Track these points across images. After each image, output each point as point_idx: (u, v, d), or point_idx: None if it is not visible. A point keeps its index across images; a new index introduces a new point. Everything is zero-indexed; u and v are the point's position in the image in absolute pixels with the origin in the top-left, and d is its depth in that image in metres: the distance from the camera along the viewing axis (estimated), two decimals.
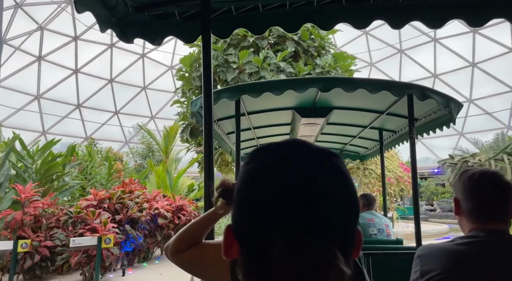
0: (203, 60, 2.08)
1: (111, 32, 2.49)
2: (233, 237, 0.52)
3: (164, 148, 11.95)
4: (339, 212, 0.49)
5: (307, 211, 0.47)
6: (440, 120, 4.23)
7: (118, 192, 6.30)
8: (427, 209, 27.37)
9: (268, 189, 0.48)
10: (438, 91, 3.57)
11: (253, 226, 0.48)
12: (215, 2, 2.25)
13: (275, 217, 0.47)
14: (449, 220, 21.80)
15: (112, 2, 2.10)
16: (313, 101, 4.23)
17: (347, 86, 3.35)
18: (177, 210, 7.65)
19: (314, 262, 0.46)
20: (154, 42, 2.42)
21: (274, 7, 2.34)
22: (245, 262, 0.50)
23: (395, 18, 2.29)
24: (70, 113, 29.51)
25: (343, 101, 4.28)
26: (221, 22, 2.38)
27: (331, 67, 12.71)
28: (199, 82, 13.04)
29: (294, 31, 2.50)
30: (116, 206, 6.02)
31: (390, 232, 4.23)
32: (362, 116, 4.80)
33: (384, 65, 30.96)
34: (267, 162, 0.51)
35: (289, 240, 0.46)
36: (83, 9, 1.87)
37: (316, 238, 0.47)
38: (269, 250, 0.47)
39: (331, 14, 2.33)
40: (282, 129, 5.41)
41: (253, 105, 4.30)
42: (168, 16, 2.35)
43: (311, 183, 0.48)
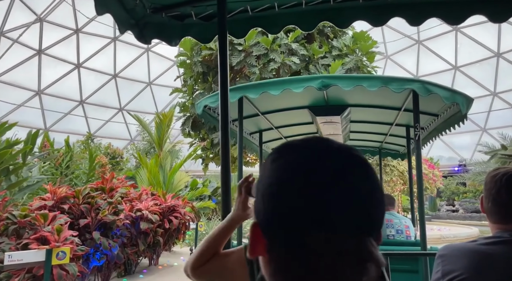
0: (220, 60, 2.09)
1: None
2: (260, 234, 0.52)
3: (156, 139, 10.56)
4: (373, 204, 0.51)
5: (347, 204, 0.48)
6: (456, 116, 4.08)
7: (87, 189, 4.96)
8: (448, 209, 25.75)
9: (306, 183, 0.49)
10: (442, 85, 3.43)
11: (291, 221, 0.49)
12: (231, 3, 2.25)
13: (317, 211, 0.48)
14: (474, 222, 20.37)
15: (131, 4, 2.14)
16: (324, 100, 4.18)
17: (344, 83, 3.31)
18: (168, 211, 6.30)
19: (355, 253, 0.48)
20: (171, 43, 2.45)
21: (290, 6, 2.33)
22: (277, 259, 0.51)
23: (414, 15, 2.24)
24: (73, 110, 28.59)
25: (357, 99, 4.22)
26: (237, 22, 2.40)
27: (350, 49, 11.25)
28: (200, 68, 11.69)
29: (310, 30, 2.47)
30: (82, 207, 4.67)
31: (411, 233, 4.21)
32: (386, 114, 4.68)
33: (401, 58, 29.33)
34: (300, 157, 0.52)
35: (331, 232, 0.48)
36: (103, 11, 1.92)
37: (355, 229, 0.49)
38: (310, 243, 0.48)
39: (348, 12, 2.31)
40: (309, 128, 5.38)
41: (267, 105, 4.37)
42: (185, 17, 2.38)
43: (348, 177, 0.50)
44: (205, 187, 12.59)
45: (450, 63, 27.66)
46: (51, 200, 4.46)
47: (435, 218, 23.35)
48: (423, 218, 3.54)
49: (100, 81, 28.87)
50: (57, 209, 4.40)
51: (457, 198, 27.32)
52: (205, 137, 13.58)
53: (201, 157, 14.45)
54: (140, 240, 5.40)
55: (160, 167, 9.35)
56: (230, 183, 2.06)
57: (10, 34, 22.50)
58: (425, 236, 3.42)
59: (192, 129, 13.08)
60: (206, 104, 3.91)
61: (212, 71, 11.86)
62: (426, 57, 28.42)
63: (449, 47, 27.05)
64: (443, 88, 3.36)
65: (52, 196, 4.53)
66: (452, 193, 27.43)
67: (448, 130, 4.61)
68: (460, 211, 24.74)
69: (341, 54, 11.16)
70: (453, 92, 3.39)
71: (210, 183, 15.58)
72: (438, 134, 5.09)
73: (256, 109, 4.40)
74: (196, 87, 12.23)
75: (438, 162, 21.68)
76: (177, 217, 6.25)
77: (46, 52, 25.17)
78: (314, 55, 10.93)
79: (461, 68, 27.41)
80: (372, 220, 0.50)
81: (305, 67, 10.90)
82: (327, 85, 3.32)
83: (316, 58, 11.05)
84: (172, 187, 9.22)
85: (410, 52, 28.68)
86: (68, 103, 28.20)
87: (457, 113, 3.98)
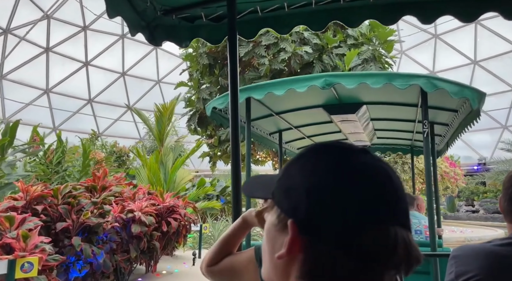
0: (230, 61, 2.10)
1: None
2: (298, 233, 0.51)
3: (157, 133, 9.87)
4: (403, 194, 0.54)
5: (398, 200, 0.52)
6: (473, 113, 3.90)
7: (68, 186, 4.29)
8: (468, 210, 24.68)
9: (355, 183, 0.51)
10: (449, 79, 3.39)
11: (343, 218, 0.49)
12: (241, 3, 2.24)
13: (371, 209, 0.50)
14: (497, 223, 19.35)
15: (142, 7, 2.15)
16: (335, 98, 4.21)
17: (348, 81, 3.33)
18: (166, 212, 5.63)
19: (404, 242, 0.50)
20: (181, 45, 2.49)
21: (300, 6, 2.31)
22: (318, 257, 0.50)
23: (425, 13, 2.17)
24: (82, 108, 28.31)
25: (372, 96, 4.19)
26: (247, 23, 2.41)
27: (366, 37, 10.46)
28: (206, 59, 11.04)
29: (320, 30, 2.45)
30: (60, 208, 4.02)
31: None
32: (407, 111, 4.62)
33: (416, 53, 28.28)
34: (352, 157, 0.54)
35: (382, 227, 0.49)
36: (114, 14, 1.95)
37: (401, 222, 0.51)
38: (362, 239, 0.48)
39: (358, 11, 2.27)
40: (330, 127, 5.36)
41: (281, 105, 4.43)
42: (195, 19, 2.39)
43: (391, 176, 0.54)
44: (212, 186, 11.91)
45: (469, 57, 26.52)
46: (23, 200, 3.82)
47: (454, 219, 22.33)
48: (433, 218, 3.47)
49: (108, 80, 28.54)
50: (30, 211, 3.77)
51: (477, 198, 26.28)
52: (212, 134, 12.92)
53: (208, 155, 13.80)
54: (132, 245, 4.74)
55: (161, 164, 8.69)
56: (241, 183, 2.03)
57: (17, 31, 22.23)
58: (435, 236, 3.42)
59: (199, 126, 12.44)
60: (214, 106, 3.98)
61: (219, 63, 11.20)
62: (444, 51, 27.34)
63: (468, 41, 25.92)
64: (450, 82, 3.29)
65: (24, 195, 3.88)
66: (471, 193, 26.41)
67: (466, 128, 4.45)
68: (481, 212, 23.69)
69: (356, 43, 10.39)
70: (462, 87, 3.28)
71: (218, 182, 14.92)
72: (461, 132, 4.90)
73: (269, 109, 4.47)
74: (203, 81, 11.59)
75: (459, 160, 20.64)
76: (176, 218, 5.57)
77: (54, 50, 24.88)
78: (328, 44, 10.18)
79: (480, 62, 26.26)
80: (406, 211, 0.54)
81: (318, 57, 10.16)
82: (330, 83, 3.33)
83: (330, 47, 10.31)
84: (174, 185, 8.55)
85: (427, 47, 27.63)
86: (77, 102, 27.95)
87: (472, 110, 3.84)
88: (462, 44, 26.28)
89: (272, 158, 14.05)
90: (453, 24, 24.55)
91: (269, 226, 0.58)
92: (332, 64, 10.13)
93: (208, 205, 9.47)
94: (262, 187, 0.63)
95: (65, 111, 27.44)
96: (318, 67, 10.03)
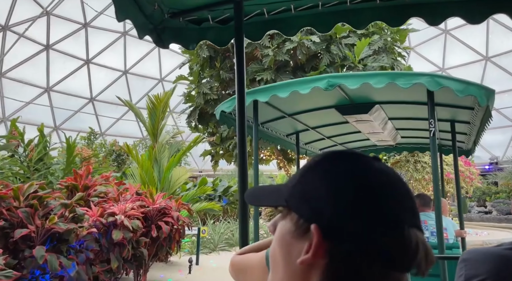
0: (237, 63, 2.14)
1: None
2: (322, 238, 0.51)
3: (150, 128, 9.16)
4: (413, 197, 0.57)
5: (410, 202, 0.54)
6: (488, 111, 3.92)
7: (32, 186, 3.63)
8: (480, 211, 23.85)
9: (376, 188, 0.53)
10: (454, 77, 3.44)
11: (367, 222, 0.50)
12: (248, 6, 2.26)
13: (393, 212, 0.52)
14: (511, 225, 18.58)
15: (149, 10, 2.18)
16: (346, 98, 4.23)
17: (350, 81, 3.36)
18: (157, 215, 4.97)
19: (423, 244, 0.52)
20: (188, 47, 2.53)
21: (306, 8, 2.32)
22: (344, 262, 0.51)
23: (432, 14, 2.18)
24: (83, 107, 27.87)
25: (385, 96, 4.17)
26: (253, 25, 2.42)
27: (377, 27, 9.77)
28: (207, 51, 10.39)
29: (326, 32, 2.45)
30: (20, 212, 3.37)
31: (448, 235, 4.20)
32: (424, 109, 4.44)
33: (425, 49, 27.48)
34: (379, 164, 0.57)
35: (404, 230, 0.51)
36: (123, 17, 1.97)
37: (417, 224, 0.54)
38: (386, 242, 0.50)
39: (365, 13, 2.27)
40: (348, 128, 5.38)
41: (292, 107, 4.53)
42: (202, 21, 2.41)
43: (403, 181, 0.57)
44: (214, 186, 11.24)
45: (480, 53, 25.69)
46: None
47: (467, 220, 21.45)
48: (440, 219, 3.44)
49: (110, 78, 28.06)
50: None
51: (489, 199, 25.47)
52: (214, 131, 12.28)
53: (210, 153, 13.17)
54: (114, 254, 4.10)
55: (155, 162, 8.03)
56: (247, 184, 2.04)
57: (16, 28, 21.77)
58: (443, 238, 3.42)
59: (199, 123, 11.82)
60: (222, 110, 4.05)
61: (220, 55, 10.55)
62: (454, 48, 26.53)
63: (479, 36, 25.08)
64: (455, 80, 3.30)
65: None
66: (483, 193, 25.61)
67: (486, 126, 4.45)
68: (494, 213, 22.87)
69: (367, 33, 9.69)
70: (467, 84, 3.26)
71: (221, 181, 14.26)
72: (483, 130, 4.86)
73: (280, 112, 4.54)
74: (203, 75, 10.95)
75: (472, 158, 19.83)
76: (168, 222, 4.91)
77: (54, 47, 24.41)
78: (337, 34, 9.49)
79: (492, 58, 25.42)
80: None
81: (326, 48, 9.48)
82: (333, 84, 3.36)
83: (338, 37, 9.61)
84: (170, 185, 7.89)
85: (436, 43, 26.83)
86: (78, 101, 27.50)
87: (482, 108, 3.81)
88: (473, 39, 25.46)
89: (276, 156, 13.40)
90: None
91: (283, 232, 0.58)
92: (341, 55, 9.44)
93: (207, 206, 8.80)
94: (269, 195, 0.63)
95: (66, 110, 27.00)
96: (326, 59, 9.36)
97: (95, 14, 24.06)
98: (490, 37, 25.01)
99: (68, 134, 8.53)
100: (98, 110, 28.52)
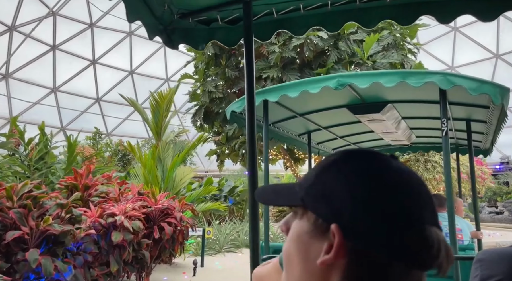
0: (246, 63, 2.16)
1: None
2: (343, 238, 0.51)
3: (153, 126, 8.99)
4: (431, 196, 0.58)
5: (429, 200, 0.55)
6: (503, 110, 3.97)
7: (26, 186, 3.45)
8: (491, 212, 23.40)
9: (396, 186, 0.53)
10: (467, 75, 3.36)
11: (388, 221, 0.50)
12: (256, 6, 2.28)
13: (414, 211, 0.51)
14: None
15: (159, 11, 2.21)
16: (357, 98, 4.21)
17: (360, 81, 3.34)
18: (159, 216, 4.79)
19: (444, 243, 0.52)
20: (197, 47, 2.54)
21: (315, 7, 2.31)
22: (365, 262, 0.50)
23: (443, 12, 2.15)
24: (90, 107, 27.88)
25: (397, 95, 4.12)
26: (262, 25, 2.42)
27: (387, 22, 9.50)
28: (212, 49, 10.21)
29: (335, 31, 2.43)
30: (13, 213, 3.19)
31: (463, 237, 4.21)
32: (437, 108, 4.37)
33: (434, 47, 27.05)
34: (398, 165, 0.56)
35: (426, 228, 0.51)
36: (134, 19, 2.01)
37: (437, 223, 0.54)
38: (407, 241, 0.49)
39: (374, 12, 2.26)
40: (362, 127, 5.34)
41: (305, 107, 4.53)
42: (211, 21, 2.42)
43: (421, 179, 0.56)
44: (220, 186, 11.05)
45: (490, 51, 25.23)
46: None
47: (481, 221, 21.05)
48: (453, 219, 3.42)
49: (116, 78, 28.03)
50: None
51: (500, 199, 25.01)
52: (219, 130, 12.10)
53: (215, 153, 13.00)
54: (114, 257, 3.93)
55: (158, 161, 7.85)
56: (257, 184, 2.05)
57: (22, 28, 21.80)
58: (455, 238, 3.41)
59: (205, 122, 11.64)
60: (233, 110, 4.05)
61: (225, 53, 10.37)
62: (463, 45, 26.09)
63: (489, 34, 24.63)
64: (468, 78, 3.25)
65: None
66: (494, 193, 25.16)
67: (502, 125, 4.44)
68: (506, 214, 22.42)
69: (376, 28, 9.43)
70: (481, 82, 3.20)
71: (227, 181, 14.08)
72: (499, 129, 4.83)
73: (291, 111, 4.53)
74: (208, 73, 10.77)
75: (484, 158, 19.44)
76: (171, 223, 4.74)
77: (60, 47, 24.42)
78: (345, 29, 9.25)
79: (503, 56, 24.95)
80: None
81: (334, 44, 9.24)
82: (343, 84, 3.35)
83: (347, 33, 9.37)
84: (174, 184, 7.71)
85: (445, 40, 26.39)
86: (85, 101, 27.52)
87: (502, 107, 3.75)
88: (483, 37, 25.01)
89: (283, 156, 13.18)
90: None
91: (299, 232, 0.57)
92: (349, 52, 9.20)
93: (212, 206, 8.61)
94: (282, 194, 0.61)
95: (72, 111, 27.04)
96: (334, 55, 9.13)
97: (101, 14, 24.04)
98: (500, 34, 24.56)
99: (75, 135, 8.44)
100: (104, 111, 28.53)
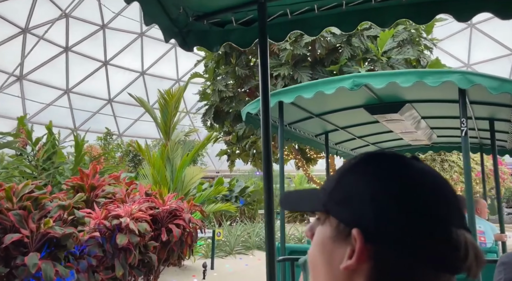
0: (261, 64, 2.17)
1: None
2: (365, 242, 0.50)
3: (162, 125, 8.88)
4: (458, 198, 0.56)
5: (455, 202, 0.53)
6: None
7: (27, 186, 3.33)
8: (510, 212, 22.80)
9: (420, 188, 0.51)
10: (487, 74, 3.30)
11: (412, 224, 0.49)
12: (271, 7, 2.27)
13: (439, 213, 0.50)
14: None
15: (175, 14, 2.24)
16: (374, 98, 4.16)
17: (376, 81, 3.31)
18: (167, 218, 4.64)
19: (472, 245, 0.50)
20: (212, 49, 2.55)
21: (330, 7, 2.30)
22: (389, 265, 0.50)
23: (461, 10, 2.10)
24: (102, 108, 28.09)
25: (415, 94, 4.05)
26: (277, 26, 2.43)
27: None
28: (222, 48, 10.02)
29: (350, 31, 2.40)
30: (12, 215, 3.07)
31: (486, 239, 4.18)
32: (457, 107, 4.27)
33: (449, 44, 26.45)
34: (423, 167, 0.55)
35: (452, 231, 0.49)
36: (150, 22, 2.07)
37: (464, 225, 0.52)
38: (433, 244, 0.48)
39: (391, 11, 2.22)
40: (381, 127, 5.27)
41: (320, 107, 4.52)
42: (225, 23, 2.44)
43: (446, 180, 0.55)
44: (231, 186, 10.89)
45: (508, 48, 24.59)
46: None
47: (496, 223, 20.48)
48: (473, 221, 3.37)
49: (127, 79, 28.17)
50: None
51: None
52: (230, 130, 11.94)
53: (226, 153, 12.84)
54: (119, 260, 3.78)
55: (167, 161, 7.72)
56: (272, 185, 2.02)
57: (35, 30, 22.02)
58: (476, 241, 3.49)
59: (215, 121, 11.49)
60: (248, 111, 4.07)
61: (235, 51, 10.20)
62: (480, 41, 25.45)
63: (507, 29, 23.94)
64: (488, 77, 3.18)
65: None
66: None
67: None
68: None
69: None
70: (502, 81, 3.14)
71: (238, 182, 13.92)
72: None
73: (307, 112, 4.52)
74: (218, 71, 10.63)
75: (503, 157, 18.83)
76: (179, 225, 4.58)
77: (73, 49, 24.62)
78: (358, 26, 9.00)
79: None
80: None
81: (347, 40, 8.99)
82: (359, 84, 3.33)
83: (360, 29, 9.12)
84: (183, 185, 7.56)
85: (461, 37, 25.79)
86: (97, 102, 27.73)
87: None
88: (500, 33, 24.33)
89: (294, 156, 12.96)
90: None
91: (322, 238, 0.56)
92: (363, 48, 8.94)
93: (222, 207, 8.44)
94: (305, 200, 0.61)
95: (85, 112, 27.28)
96: (347, 52, 8.87)
97: (113, 15, 24.15)
98: None
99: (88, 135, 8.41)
100: (116, 112, 28.70)
